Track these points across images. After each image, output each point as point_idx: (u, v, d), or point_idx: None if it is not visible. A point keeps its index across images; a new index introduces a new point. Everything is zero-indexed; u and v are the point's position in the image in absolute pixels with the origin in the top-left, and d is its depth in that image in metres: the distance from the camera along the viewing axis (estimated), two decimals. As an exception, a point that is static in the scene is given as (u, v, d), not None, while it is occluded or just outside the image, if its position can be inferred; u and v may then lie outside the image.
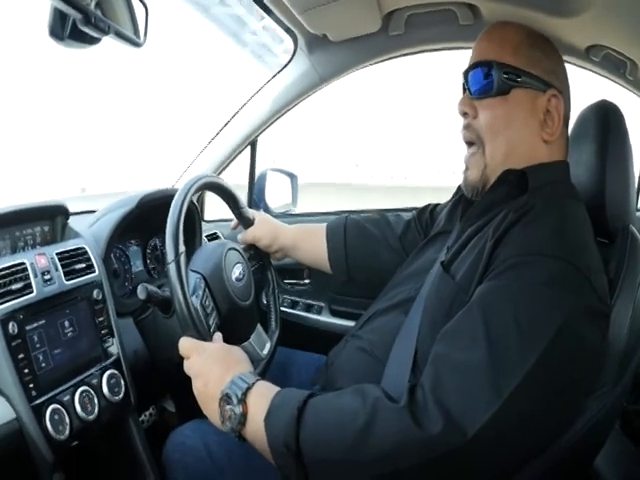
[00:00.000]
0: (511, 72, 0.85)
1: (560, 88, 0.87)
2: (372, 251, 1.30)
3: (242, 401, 0.78)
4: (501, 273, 0.72)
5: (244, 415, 0.78)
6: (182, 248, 0.97)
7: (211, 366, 0.87)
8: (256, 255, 1.33)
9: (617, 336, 0.78)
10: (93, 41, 0.77)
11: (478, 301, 0.72)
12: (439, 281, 0.87)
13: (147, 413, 1.34)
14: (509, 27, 0.91)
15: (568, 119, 0.91)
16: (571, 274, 0.69)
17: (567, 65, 0.93)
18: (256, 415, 0.77)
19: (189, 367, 0.90)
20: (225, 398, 0.80)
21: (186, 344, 0.92)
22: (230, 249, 1.17)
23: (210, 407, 0.84)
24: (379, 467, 0.68)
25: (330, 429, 0.72)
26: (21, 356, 0.95)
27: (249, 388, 0.79)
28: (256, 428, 0.76)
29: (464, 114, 0.91)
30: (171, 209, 1.00)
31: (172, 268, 0.95)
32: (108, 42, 0.81)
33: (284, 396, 0.78)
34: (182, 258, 0.96)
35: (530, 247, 0.72)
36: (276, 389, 0.80)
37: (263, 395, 0.79)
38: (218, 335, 0.97)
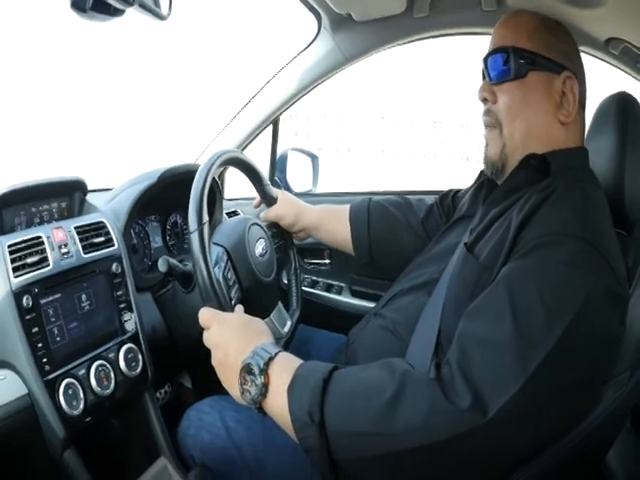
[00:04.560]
0: (527, 56, 0.84)
1: (574, 70, 0.84)
2: (394, 234, 1.24)
3: (264, 371, 0.72)
4: (526, 253, 0.69)
5: (265, 386, 0.72)
6: (206, 218, 0.90)
7: (232, 336, 0.81)
8: (278, 234, 1.27)
9: (635, 325, 0.74)
10: (116, 13, 0.68)
11: (504, 279, 0.69)
12: (463, 262, 0.83)
13: (162, 390, 1.27)
14: (524, 14, 0.89)
15: (584, 102, 0.88)
16: (592, 255, 0.67)
17: (586, 57, 0.93)
18: (278, 386, 0.71)
19: (209, 338, 0.84)
20: (246, 368, 0.74)
21: (206, 314, 0.86)
22: (253, 224, 1.11)
23: (229, 378, 0.78)
24: (405, 441, 0.63)
25: (357, 400, 0.67)
26: (35, 330, 0.89)
27: (271, 358, 0.74)
28: (278, 399, 0.71)
29: (484, 100, 0.90)
30: (195, 179, 0.93)
31: (195, 237, 0.88)
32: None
33: (308, 367, 0.73)
34: (205, 228, 0.89)
35: (553, 227, 0.70)
36: (299, 361, 0.75)
37: (285, 366, 0.73)
38: (239, 307, 0.91)
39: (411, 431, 0.62)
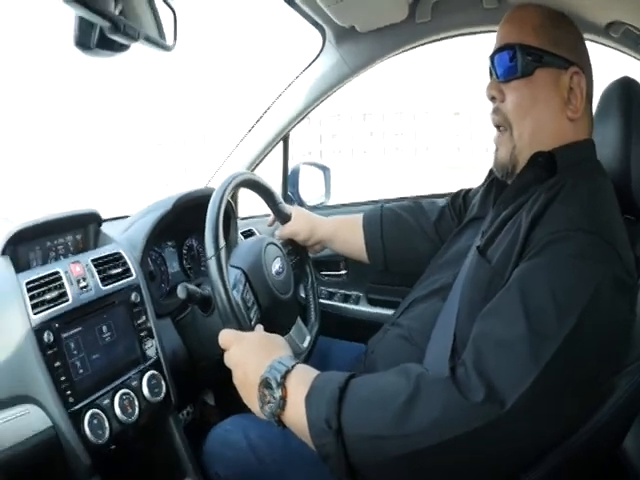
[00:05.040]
0: (534, 53, 0.82)
1: (581, 65, 0.83)
2: (408, 239, 1.24)
3: (281, 385, 0.73)
4: (536, 253, 0.69)
5: (283, 399, 0.72)
6: (222, 243, 0.91)
7: (250, 354, 0.82)
8: (294, 250, 1.28)
9: None
10: (121, 48, 0.70)
11: (516, 281, 0.69)
12: (475, 266, 0.83)
13: (185, 411, 1.28)
14: (529, 9, 0.87)
15: (591, 97, 0.87)
16: (599, 245, 0.67)
17: (587, 43, 0.90)
18: (296, 398, 0.72)
19: (229, 358, 0.85)
20: (264, 383, 0.75)
21: (226, 335, 0.87)
22: (269, 244, 1.12)
23: (250, 394, 0.79)
24: (422, 440, 0.63)
25: (373, 405, 0.67)
26: (57, 364, 0.90)
27: (288, 371, 0.74)
28: (296, 411, 0.71)
29: (492, 98, 0.88)
30: (210, 205, 0.94)
31: (212, 263, 0.89)
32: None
33: (325, 378, 0.73)
34: (222, 252, 0.91)
35: (561, 224, 0.70)
36: (316, 372, 0.75)
37: (302, 378, 0.74)
38: (259, 327, 0.93)
39: (427, 429, 0.62)
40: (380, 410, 0.66)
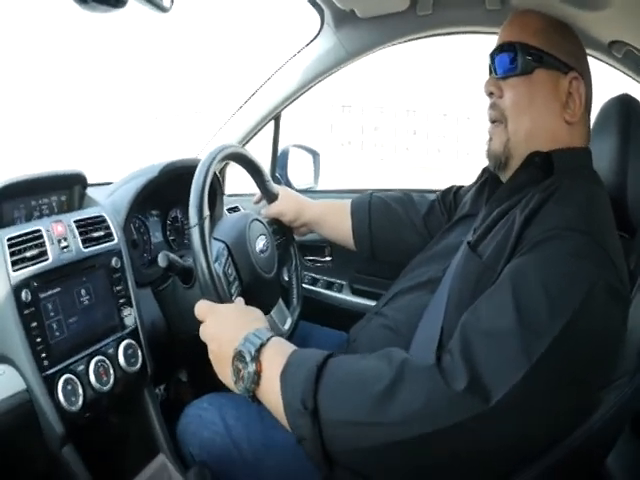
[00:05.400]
0: (534, 53, 0.83)
1: (581, 72, 0.84)
2: (395, 229, 1.23)
3: (255, 359, 0.70)
4: (530, 249, 0.68)
5: (258, 374, 0.70)
6: (207, 212, 0.88)
7: (225, 326, 0.79)
8: (279, 230, 1.25)
9: (636, 328, 0.73)
10: (118, 4, 0.66)
11: (507, 275, 0.68)
12: (466, 261, 0.81)
13: (161, 387, 1.25)
14: (532, 13, 0.89)
15: (590, 104, 0.87)
16: (595, 249, 0.66)
17: (590, 59, 0.91)
18: (271, 372, 0.69)
19: (204, 331, 0.82)
20: (238, 356, 0.72)
21: (203, 306, 0.84)
22: (254, 220, 1.09)
23: (224, 369, 0.76)
24: (401, 431, 0.60)
25: (352, 388, 0.65)
26: (34, 325, 0.87)
27: (263, 345, 0.72)
28: (271, 387, 0.69)
29: (490, 94, 0.89)
30: (196, 174, 0.91)
31: (195, 232, 0.86)
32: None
33: (302, 354, 0.71)
34: (206, 222, 0.87)
35: (557, 223, 0.69)
36: (292, 347, 0.73)
37: (278, 352, 0.71)
38: (239, 299, 0.90)
39: (409, 420, 0.60)
40: (359, 394, 0.64)
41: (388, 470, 0.65)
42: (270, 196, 1.21)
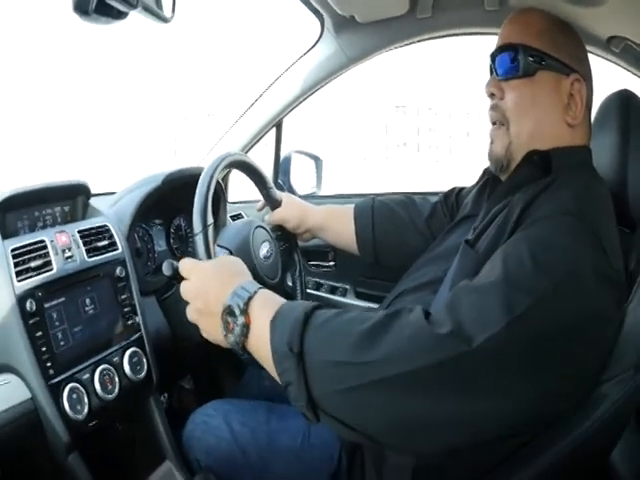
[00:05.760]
0: (536, 55, 0.82)
1: (583, 73, 0.83)
2: (399, 233, 1.22)
3: (244, 312, 0.70)
4: (523, 228, 0.70)
5: (247, 326, 0.70)
6: (210, 220, 0.87)
7: (210, 283, 0.78)
8: (283, 236, 1.24)
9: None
10: (119, 16, 0.67)
11: (500, 249, 0.69)
12: (464, 257, 0.82)
13: (165, 395, 1.25)
14: (534, 13, 0.87)
15: (591, 105, 0.87)
16: (587, 233, 0.67)
17: (589, 55, 0.90)
18: (259, 322, 0.69)
19: (187, 289, 0.80)
20: (227, 310, 0.72)
21: (187, 264, 0.82)
22: (258, 227, 1.09)
23: (211, 325, 0.75)
24: (382, 369, 0.61)
25: (339, 330, 0.65)
26: (39, 334, 0.87)
27: (251, 297, 0.71)
28: (260, 336, 0.69)
29: (491, 95, 0.88)
30: (200, 182, 0.90)
31: (200, 239, 0.85)
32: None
33: (291, 304, 0.71)
34: (210, 229, 0.87)
35: (553, 207, 0.70)
36: (280, 298, 0.73)
37: (265, 303, 0.71)
38: (223, 251, 0.93)
39: (393, 357, 0.60)
40: (345, 336, 0.64)
41: (370, 419, 0.64)
42: (273, 203, 1.21)
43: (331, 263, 1.70)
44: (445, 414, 0.61)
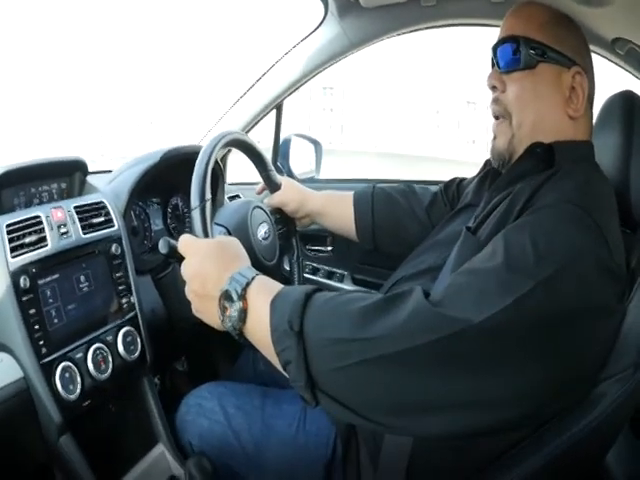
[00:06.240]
0: (537, 47, 0.82)
1: (584, 66, 0.83)
2: (398, 220, 1.22)
3: (242, 297, 0.70)
4: (526, 215, 0.70)
5: (244, 311, 0.69)
6: (208, 195, 0.85)
7: (208, 265, 0.76)
8: (281, 220, 1.22)
9: None
10: None
11: (501, 234, 0.68)
12: (463, 243, 0.82)
13: (158, 377, 1.23)
14: (536, 6, 0.86)
15: (592, 99, 0.86)
16: (589, 223, 0.66)
17: (593, 56, 0.89)
18: (257, 307, 0.69)
19: (186, 269, 0.79)
20: (225, 295, 0.71)
21: (187, 240, 0.80)
22: (256, 207, 1.07)
23: (208, 308, 0.74)
24: (383, 346, 0.60)
25: (338, 309, 0.65)
26: (32, 311, 0.85)
27: (248, 283, 0.71)
28: (257, 320, 0.68)
29: (493, 88, 0.88)
30: (198, 158, 0.88)
31: (197, 214, 0.83)
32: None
33: (291, 288, 0.71)
34: (208, 205, 0.84)
35: (555, 196, 0.70)
36: (276, 283, 0.73)
37: (262, 288, 0.71)
38: (221, 230, 0.91)
39: (392, 333, 0.60)
40: (345, 313, 0.63)
41: (370, 398, 0.63)
42: (273, 186, 1.19)
43: (329, 248, 1.69)
44: (445, 393, 0.60)
